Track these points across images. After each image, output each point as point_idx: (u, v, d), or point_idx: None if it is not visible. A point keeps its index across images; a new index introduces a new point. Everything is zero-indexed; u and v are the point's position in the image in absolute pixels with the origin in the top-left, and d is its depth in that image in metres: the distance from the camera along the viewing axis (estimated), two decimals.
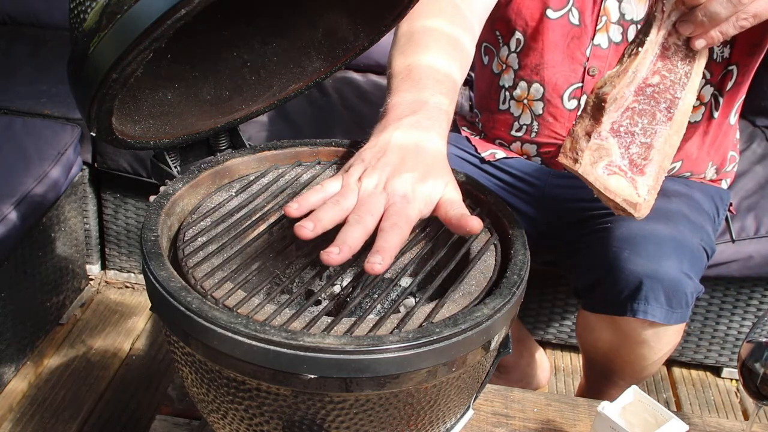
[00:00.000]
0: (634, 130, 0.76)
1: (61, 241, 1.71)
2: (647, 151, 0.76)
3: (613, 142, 0.75)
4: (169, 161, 0.89)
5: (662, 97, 0.77)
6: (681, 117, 0.78)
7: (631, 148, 0.76)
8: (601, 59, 1.19)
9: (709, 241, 1.17)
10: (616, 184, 0.75)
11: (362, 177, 0.76)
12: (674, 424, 0.87)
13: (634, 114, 0.77)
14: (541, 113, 1.23)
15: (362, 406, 0.66)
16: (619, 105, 0.76)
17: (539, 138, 1.25)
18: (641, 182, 0.76)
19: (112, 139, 0.77)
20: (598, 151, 0.75)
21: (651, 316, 1.07)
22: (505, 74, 1.26)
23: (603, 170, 0.75)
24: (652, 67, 0.78)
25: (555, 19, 1.19)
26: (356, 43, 0.97)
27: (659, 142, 0.77)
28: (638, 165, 0.76)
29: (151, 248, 0.71)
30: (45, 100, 1.76)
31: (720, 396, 1.73)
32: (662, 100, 0.77)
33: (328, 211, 0.72)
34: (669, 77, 0.78)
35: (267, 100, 0.95)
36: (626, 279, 1.07)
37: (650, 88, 0.77)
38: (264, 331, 0.62)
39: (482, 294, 0.73)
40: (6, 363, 1.57)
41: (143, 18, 0.64)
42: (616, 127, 0.76)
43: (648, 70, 0.77)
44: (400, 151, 0.78)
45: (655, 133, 0.77)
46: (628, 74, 0.77)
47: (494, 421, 1.01)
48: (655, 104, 0.77)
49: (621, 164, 0.75)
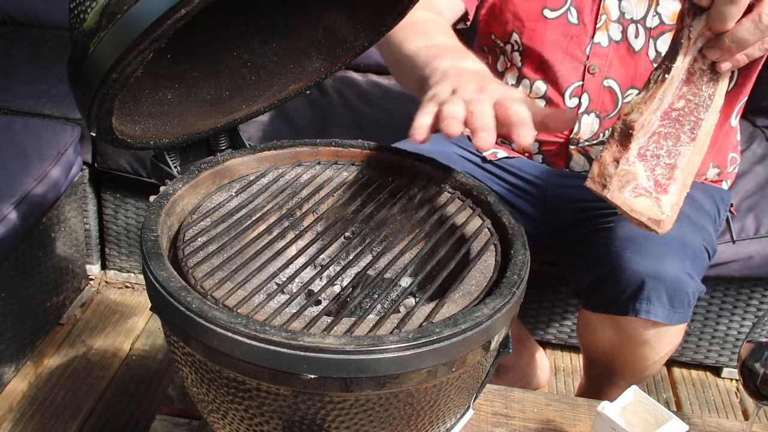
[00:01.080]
0: (660, 153, 0.78)
1: (61, 241, 1.71)
2: (671, 172, 0.78)
3: (639, 166, 0.77)
4: (169, 161, 0.89)
5: (687, 120, 0.79)
6: (703, 137, 0.79)
7: (656, 170, 0.78)
8: (601, 57, 1.18)
9: (711, 241, 1.17)
10: (642, 205, 0.77)
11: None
12: (674, 424, 0.87)
13: (660, 138, 0.78)
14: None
15: (362, 406, 0.66)
16: (646, 131, 0.77)
17: (541, 136, 1.24)
18: (665, 200, 0.78)
19: (112, 139, 0.77)
20: (625, 177, 0.77)
21: (653, 316, 1.07)
22: (509, 72, 1.26)
23: (630, 193, 0.77)
24: (678, 93, 0.79)
25: (553, 18, 1.19)
26: (356, 43, 0.97)
27: (683, 162, 0.78)
28: (662, 185, 0.78)
29: (151, 248, 0.71)
30: (45, 100, 1.76)
31: (720, 396, 1.73)
32: (686, 122, 0.79)
33: (456, 108, 0.76)
34: (694, 100, 0.79)
35: (267, 100, 0.95)
36: (628, 279, 1.07)
37: (675, 112, 0.78)
38: (264, 331, 0.62)
39: (482, 294, 0.73)
40: (6, 363, 1.57)
41: (143, 18, 0.64)
42: (642, 152, 0.77)
43: (674, 95, 0.79)
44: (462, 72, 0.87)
45: (679, 154, 0.78)
46: (655, 101, 0.78)
47: (494, 421, 1.01)
48: (680, 126, 0.78)
49: (647, 186, 0.77)
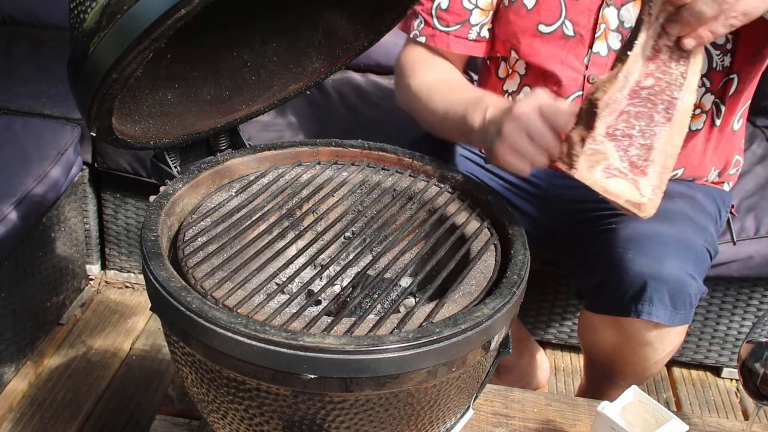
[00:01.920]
0: (632, 133, 0.77)
1: (61, 241, 1.71)
2: (648, 153, 0.77)
3: (609, 146, 0.76)
4: (169, 161, 0.89)
5: (659, 99, 0.78)
6: (681, 117, 0.78)
7: (630, 151, 0.77)
8: (600, 67, 1.18)
9: (712, 242, 1.17)
10: (617, 186, 0.76)
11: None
12: (674, 424, 0.87)
13: (630, 117, 0.77)
14: None
15: (362, 406, 0.66)
16: (612, 109, 0.76)
17: None
18: (644, 183, 0.76)
19: (112, 139, 0.77)
20: (594, 156, 0.76)
21: (655, 317, 1.07)
22: (510, 79, 1.25)
23: (601, 174, 0.75)
24: (644, 70, 0.78)
25: (548, 33, 1.19)
26: (356, 43, 0.97)
27: (660, 143, 0.77)
28: (639, 166, 0.76)
29: (151, 248, 0.71)
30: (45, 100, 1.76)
31: (720, 396, 1.72)
32: (659, 101, 0.77)
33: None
34: (664, 78, 0.78)
35: (267, 100, 0.95)
36: (630, 280, 1.06)
37: (645, 91, 0.77)
38: (264, 331, 0.62)
39: (482, 294, 0.73)
40: (6, 363, 1.57)
41: (143, 18, 0.64)
42: (611, 131, 0.76)
43: (640, 73, 0.77)
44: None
45: (654, 134, 0.77)
46: (620, 79, 0.77)
47: (494, 421, 1.01)
48: (652, 106, 0.77)
49: (620, 167, 0.76)
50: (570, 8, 1.17)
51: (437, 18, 1.22)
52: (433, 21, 1.22)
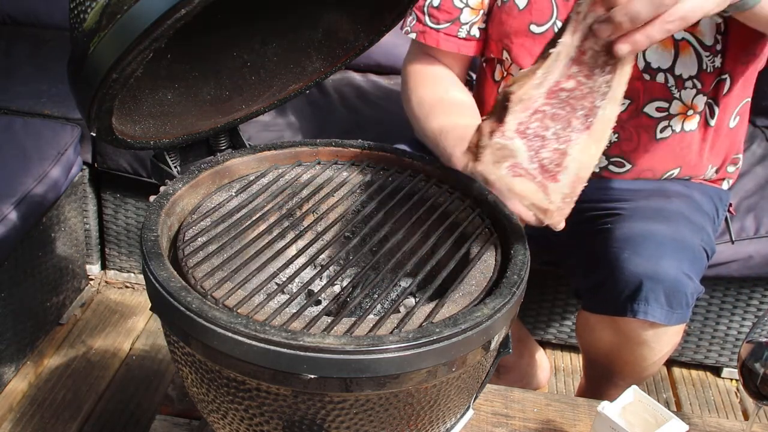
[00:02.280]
0: (545, 134, 0.72)
1: (61, 241, 1.71)
2: (561, 158, 0.72)
3: (519, 143, 0.71)
4: (169, 161, 0.89)
5: (579, 104, 0.72)
6: (601, 127, 0.73)
7: (542, 153, 0.72)
8: None
9: (710, 242, 1.17)
10: (523, 187, 0.71)
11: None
12: (674, 424, 0.87)
13: (545, 117, 0.72)
14: None
15: (362, 406, 0.66)
16: (526, 106, 0.71)
17: None
18: (553, 189, 0.72)
19: (112, 139, 0.77)
20: (501, 151, 0.71)
21: (651, 317, 1.07)
22: (506, 81, 1.26)
23: (507, 171, 0.71)
24: (566, 71, 0.72)
25: (540, 33, 1.19)
26: (356, 43, 0.97)
27: (575, 149, 0.72)
28: (550, 171, 0.72)
29: (151, 248, 0.71)
30: (45, 100, 1.76)
31: (720, 396, 1.73)
32: (579, 107, 0.72)
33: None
34: (587, 84, 0.72)
35: (267, 100, 0.95)
36: (626, 279, 1.07)
37: (565, 93, 0.72)
38: (264, 331, 0.62)
39: (482, 294, 0.73)
40: (6, 363, 1.57)
41: (143, 18, 0.64)
42: (522, 129, 0.71)
43: (561, 73, 0.72)
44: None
45: (570, 140, 0.72)
46: (538, 75, 0.72)
47: (494, 421, 1.01)
48: (571, 110, 0.72)
49: (529, 167, 0.71)
50: (561, 8, 1.17)
51: (429, 15, 1.23)
52: (425, 18, 1.23)
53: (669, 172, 1.24)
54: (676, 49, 1.14)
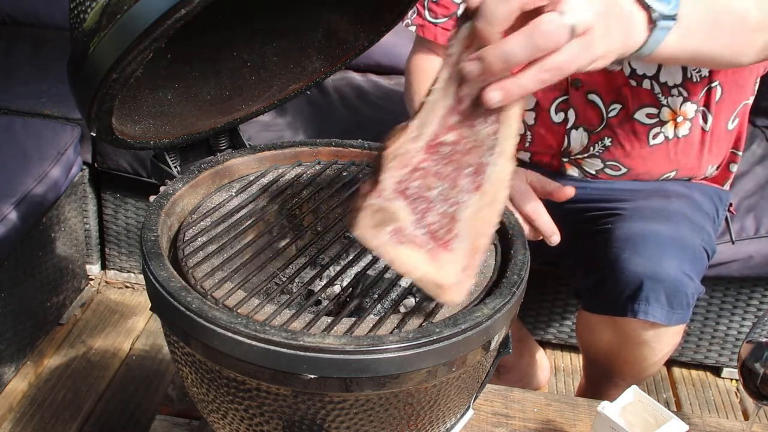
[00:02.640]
0: (430, 195, 0.62)
1: (61, 241, 1.71)
2: (451, 223, 0.63)
3: (401, 205, 0.62)
4: (169, 161, 0.89)
5: (465, 161, 0.63)
6: (494, 188, 0.63)
7: (429, 217, 0.63)
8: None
9: (710, 242, 1.17)
10: (410, 257, 0.62)
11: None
12: (674, 424, 0.87)
13: (427, 175, 0.62)
14: (533, 123, 1.24)
15: (362, 406, 0.66)
16: (403, 162, 0.62)
17: (532, 147, 1.26)
18: (447, 260, 0.62)
19: (112, 139, 0.77)
20: (380, 213, 0.62)
21: (652, 317, 1.07)
22: None
23: (390, 237, 0.62)
24: (444, 122, 0.62)
25: None
26: (356, 43, 0.97)
27: (466, 214, 0.63)
28: (441, 239, 0.62)
29: (151, 248, 0.71)
30: (45, 100, 1.76)
31: (720, 396, 1.73)
32: (465, 164, 0.63)
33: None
34: (470, 137, 0.62)
35: (267, 100, 0.95)
36: (627, 280, 1.07)
37: (447, 147, 0.62)
38: (264, 331, 0.62)
39: (482, 294, 0.73)
40: (6, 363, 1.57)
41: (143, 18, 0.64)
42: (403, 188, 0.62)
43: (439, 124, 0.62)
44: None
45: (459, 202, 0.63)
46: (413, 127, 0.62)
47: (494, 421, 1.01)
48: (457, 168, 0.63)
49: (415, 234, 0.62)
50: None
51: (428, 9, 1.25)
52: (425, 12, 1.25)
53: (666, 174, 1.24)
54: None
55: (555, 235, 1.01)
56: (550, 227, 1.01)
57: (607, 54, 0.64)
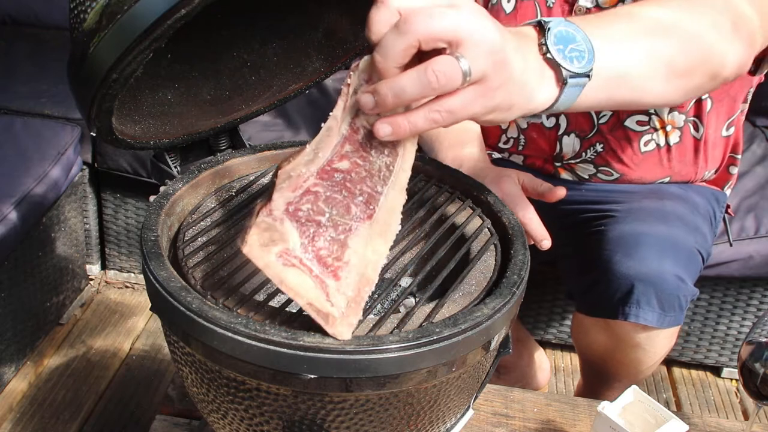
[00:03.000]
0: (320, 220, 0.63)
1: (61, 241, 1.71)
2: (341, 251, 0.63)
3: (290, 226, 0.62)
4: (169, 161, 0.89)
5: (358, 189, 0.64)
6: (386, 217, 0.64)
7: (318, 242, 0.63)
8: None
9: (705, 244, 1.16)
10: (297, 281, 0.61)
11: None
12: (674, 424, 0.87)
13: (318, 200, 0.63)
14: (525, 127, 1.24)
15: (362, 406, 0.66)
16: (295, 184, 0.63)
17: (525, 151, 1.26)
18: (335, 288, 0.61)
19: (112, 139, 0.77)
20: (269, 232, 0.62)
21: (643, 320, 1.06)
22: None
23: (278, 258, 0.61)
24: (339, 150, 0.64)
25: None
26: (356, 43, 0.97)
27: (356, 242, 0.63)
28: (329, 265, 0.62)
29: (151, 248, 0.71)
30: (45, 100, 1.76)
31: (720, 396, 1.73)
32: (359, 192, 0.64)
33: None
34: (363, 166, 0.64)
35: (267, 100, 0.95)
36: (618, 282, 1.06)
37: (339, 174, 0.64)
38: (264, 331, 0.62)
39: (482, 294, 0.73)
40: (6, 363, 1.57)
41: (143, 18, 0.64)
42: (293, 210, 0.63)
43: (334, 151, 0.64)
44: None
45: (349, 230, 0.63)
46: (308, 151, 0.64)
47: (494, 421, 1.01)
48: (349, 195, 0.64)
49: (303, 257, 0.62)
50: (544, 15, 1.17)
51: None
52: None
53: (660, 180, 1.23)
54: None
55: (546, 240, 0.99)
56: (541, 232, 0.99)
57: (508, 107, 0.64)
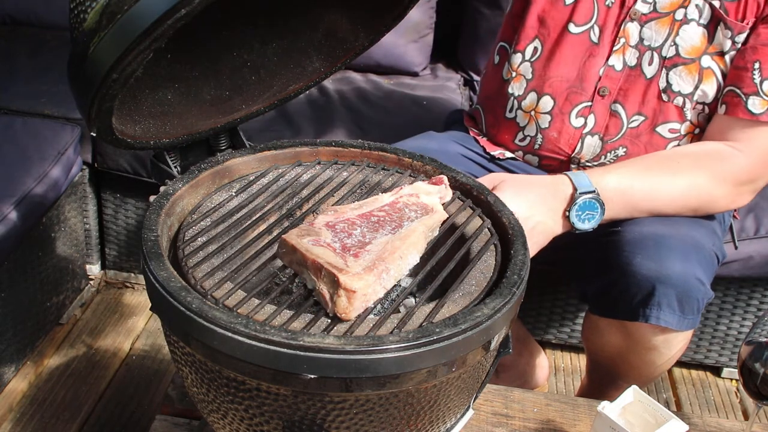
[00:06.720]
0: (352, 232, 0.76)
1: (61, 241, 1.71)
2: (363, 246, 0.75)
3: (326, 231, 0.76)
4: (169, 161, 0.89)
5: (388, 224, 0.79)
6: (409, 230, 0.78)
7: (346, 241, 0.75)
8: (613, 80, 1.17)
9: (720, 246, 1.15)
10: (321, 251, 0.72)
11: None
12: (674, 424, 0.87)
13: (354, 224, 0.78)
14: (547, 127, 1.22)
15: (362, 406, 0.66)
16: (337, 215, 0.79)
17: (542, 151, 1.24)
18: (353, 261, 0.72)
19: (112, 139, 0.77)
20: (307, 230, 0.75)
21: (663, 322, 1.06)
22: (515, 82, 1.25)
23: (309, 241, 0.73)
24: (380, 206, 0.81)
25: (576, 33, 1.18)
26: (356, 43, 0.97)
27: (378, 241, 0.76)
28: (352, 249, 0.74)
29: (151, 248, 0.71)
30: (45, 100, 1.76)
31: (720, 396, 1.73)
32: (388, 225, 0.79)
33: None
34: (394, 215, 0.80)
35: (267, 100, 0.95)
36: (638, 284, 1.05)
37: (375, 218, 0.79)
38: (264, 331, 0.62)
39: (482, 294, 0.73)
40: (6, 363, 1.57)
41: (143, 18, 0.64)
42: (332, 223, 0.77)
43: (376, 209, 0.81)
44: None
45: (375, 238, 0.76)
46: (355, 204, 0.81)
47: (494, 421, 1.01)
48: (380, 226, 0.78)
49: (331, 242, 0.74)
50: (601, 13, 1.17)
51: None
52: None
53: None
54: (699, 76, 1.14)
55: None
56: None
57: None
